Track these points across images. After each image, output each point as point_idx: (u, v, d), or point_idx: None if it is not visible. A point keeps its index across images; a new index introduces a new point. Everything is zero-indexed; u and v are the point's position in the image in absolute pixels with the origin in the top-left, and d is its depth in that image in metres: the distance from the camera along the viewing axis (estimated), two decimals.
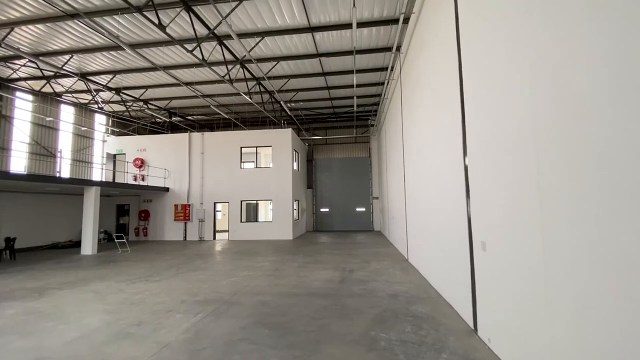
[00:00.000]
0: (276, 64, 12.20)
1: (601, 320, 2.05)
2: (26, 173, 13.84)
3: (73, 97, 15.95)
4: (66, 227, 15.78)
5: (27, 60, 11.80)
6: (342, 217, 20.64)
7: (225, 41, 10.49)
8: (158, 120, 20.20)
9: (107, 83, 14.03)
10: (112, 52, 11.39)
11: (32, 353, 3.93)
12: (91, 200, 12.55)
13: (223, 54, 10.72)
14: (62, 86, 14.50)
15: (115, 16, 8.99)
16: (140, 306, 5.71)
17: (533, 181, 2.79)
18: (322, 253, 11.51)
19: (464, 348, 3.84)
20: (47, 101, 15.49)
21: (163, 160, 17.75)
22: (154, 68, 12.50)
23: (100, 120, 18.71)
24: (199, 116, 20.43)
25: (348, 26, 9.65)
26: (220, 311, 5.34)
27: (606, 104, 1.99)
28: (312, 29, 9.86)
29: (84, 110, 17.48)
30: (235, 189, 16.93)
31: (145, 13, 7.85)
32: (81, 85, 14.32)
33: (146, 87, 14.83)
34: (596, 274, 2.08)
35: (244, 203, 17.18)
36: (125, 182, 16.71)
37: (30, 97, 14.79)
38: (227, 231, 17.03)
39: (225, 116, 18.24)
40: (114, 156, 18.33)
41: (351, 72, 12.95)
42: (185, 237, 17.07)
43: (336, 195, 20.88)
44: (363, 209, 20.53)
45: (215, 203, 17.18)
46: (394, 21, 9.32)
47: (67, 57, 11.62)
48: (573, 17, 2.26)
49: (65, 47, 11.04)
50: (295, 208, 17.34)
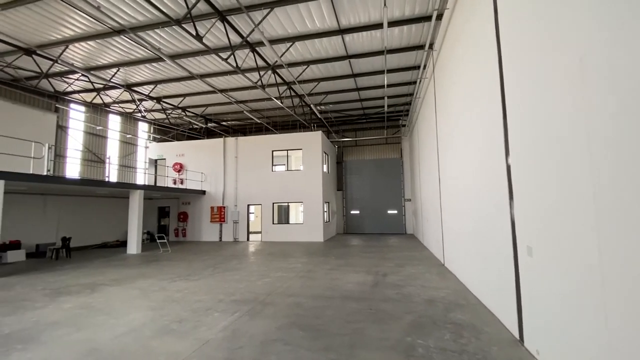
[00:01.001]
0: (306, 68, 12.35)
1: None
2: (80, 178, 15.11)
3: (119, 107, 17.20)
4: (114, 228, 16.98)
5: (80, 74, 12.91)
6: (373, 220, 20.35)
7: (257, 48, 10.79)
8: (195, 126, 21.20)
9: (149, 93, 14.97)
10: (154, 64, 12.14)
11: (87, 345, 4.25)
12: (136, 202, 13.42)
13: (255, 61, 11.04)
14: (110, 97, 15.69)
15: (157, 30, 9.58)
16: (181, 304, 5.99)
17: (587, 182, 2.57)
18: (354, 256, 11.41)
19: (509, 359, 3.61)
20: (97, 111, 16.83)
21: (200, 164, 18.58)
22: (191, 77, 13.14)
23: (143, 127, 20.00)
24: (233, 121, 21.17)
25: (378, 26, 9.54)
26: (255, 311, 5.46)
27: None
28: (342, 31, 9.87)
29: (129, 119, 18.78)
30: (267, 192, 17.31)
31: (183, 25, 8.28)
32: (126, 95, 15.41)
33: (184, 96, 15.63)
34: None
35: (276, 205, 17.50)
36: (165, 186, 17.69)
37: (82, 108, 16.16)
38: (260, 232, 17.43)
39: (257, 121, 18.74)
40: (156, 161, 19.50)
41: (382, 73, 12.79)
42: (220, 238, 17.70)
43: (367, 197, 20.65)
44: (395, 212, 20.11)
45: (248, 205, 17.68)
46: (426, 18, 9.07)
47: (114, 70, 12.55)
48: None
49: (112, 61, 11.94)
50: (325, 210, 17.38)
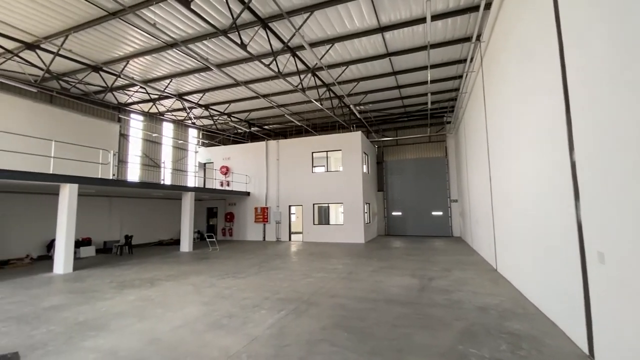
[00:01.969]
0: (345, 69, 12.32)
1: None
2: (139, 181, 16.54)
3: (172, 115, 18.55)
4: (168, 227, 18.33)
5: (139, 86, 14.14)
6: (416, 221, 19.67)
7: (297, 52, 11.00)
8: (239, 131, 22.19)
9: (198, 101, 15.95)
10: (202, 73, 12.91)
11: (148, 335, 4.62)
12: (187, 203, 14.37)
13: (296, 65, 11.26)
14: (164, 106, 17.00)
15: (204, 41, 10.18)
16: (230, 300, 6.27)
17: None
18: (397, 258, 11.12)
19: None
20: (153, 120, 18.33)
21: (244, 167, 19.40)
22: (236, 84, 13.77)
23: (192, 134, 21.38)
24: (274, 125, 21.80)
25: (421, 21, 9.23)
26: (300, 310, 5.54)
27: None
28: (382, 29, 9.70)
29: (180, 126, 20.19)
30: (307, 193, 17.55)
31: (229, 35, 8.69)
32: (178, 104, 16.58)
33: (229, 102, 16.42)
34: None
35: (316, 206, 17.66)
36: (213, 188, 18.72)
37: (140, 118, 17.70)
38: (301, 233, 17.72)
39: (297, 123, 19.10)
40: (204, 165, 20.75)
41: (424, 69, 12.35)
42: (264, 238, 18.29)
43: (409, 198, 20.02)
44: (440, 213, 19.25)
45: (290, 206, 18.06)
46: (473, 9, 8.58)
47: (168, 81, 13.56)
48: None
49: (166, 73, 12.91)
50: (366, 211, 17.17)
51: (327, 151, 17.61)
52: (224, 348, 4.08)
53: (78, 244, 12.78)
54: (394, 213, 20.33)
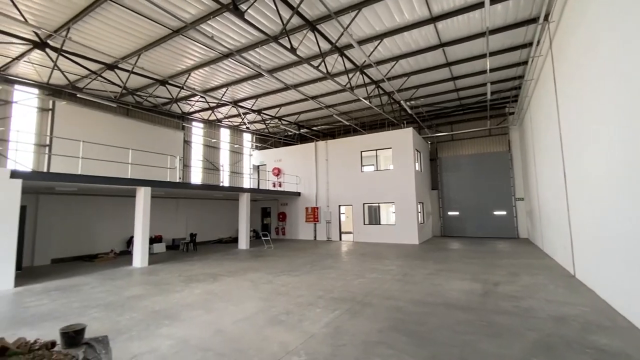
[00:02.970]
0: (395, 64, 11.96)
1: None
2: (201, 183, 17.91)
3: (228, 121, 19.78)
4: (227, 226, 19.57)
5: (199, 96, 15.31)
6: (476, 222, 18.34)
7: (345, 51, 10.98)
8: (289, 133, 22.87)
9: (252, 106, 16.78)
10: (255, 80, 13.55)
11: (214, 326, 4.95)
12: (244, 204, 15.19)
13: (344, 64, 11.24)
14: (221, 113, 18.19)
15: (256, 49, 10.67)
16: (286, 297, 6.47)
17: None
18: (455, 261, 10.48)
19: None
20: (212, 127, 19.72)
21: (295, 168, 19.92)
22: (286, 88, 14.19)
23: (247, 138, 22.57)
24: (323, 126, 22.04)
25: (477, 6, 8.59)
26: (354, 311, 5.50)
27: None
28: (434, 19, 9.22)
29: (236, 131, 21.45)
30: (357, 192, 17.40)
31: (279, 40, 8.99)
32: (233, 111, 17.61)
33: (280, 106, 17.00)
34: None
35: (366, 206, 17.43)
36: (266, 189, 19.54)
37: (201, 125, 19.16)
38: (351, 233, 17.63)
39: (346, 123, 19.07)
40: (258, 167, 21.78)
41: (482, 57, 11.47)
42: (315, 237, 18.58)
43: (467, 196, 18.75)
44: (503, 213, 17.71)
45: (339, 206, 18.09)
46: None
47: (224, 90, 14.48)
48: None
49: (222, 82, 13.79)
50: (419, 211, 16.48)
51: (377, 149, 17.27)
52: (283, 343, 4.21)
53: (152, 241, 14.24)
54: (450, 213, 19.21)
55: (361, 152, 17.60)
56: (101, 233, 13.44)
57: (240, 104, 16.47)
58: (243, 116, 18.12)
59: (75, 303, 6.39)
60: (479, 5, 8.50)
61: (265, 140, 23.69)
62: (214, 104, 16.43)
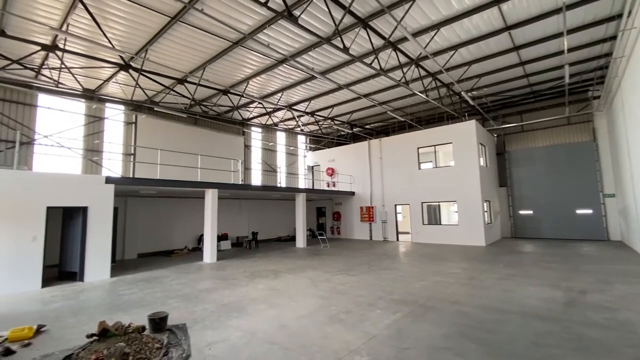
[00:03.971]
0: (454, 53, 11.23)
1: None
2: (261, 185, 18.88)
3: (284, 125, 20.53)
4: (285, 225, 20.33)
5: (257, 102, 16.15)
6: (554, 221, 16.34)
7: (399, 45, 10.64)
8: (342, 133, 22.92)
9: (305, 109, 17.18)
10: (308, 83, 13.85)
11: (278, 320, 5.17)
12: (300, 203, 15.63)
13: (398, 59, 10.90)
14: (277, 117, 18.96)
15: (309, 52, 10.89)
16: (345, 296, 6.49)
17: None
18: (530, 265, 9.47)
19: None
20: (269, 131, 20.67)
21: (348, 167, 19.89)
22: (338, 88, 14.25)
23: (301, 140, 23.20)
24: (376, 123, 21.66)
25: None
26: (417, 314, 5.29)
27: None
28: (497, 1, 8.45)
29: (291, 134, 22.18)
30: (414, 191, 16.73)
31: (332, 41, 9.05)
32: (288, 114, 18.23)
33: (332, 106, 17.12)
34: None
35: (425, 205, 16.65)
36: (321, 189, 19.85)
37: (259, 129, 20.20)
38: (409, 233, 17.01)
39: (400, 119, 18.46)
40: (312, 168, 22.23)
41: (558, 36, 10.19)
42: (370, 237, 18.32)
43: (542, 193, 16.80)
44: (589, 211, 15.50)
45: (395, 205, 17.57)
46: None
47: (279, 95, 15.06)
48: None
49: (277, 88, 14.36)
50: (486, 210, 15.23)
51: (435, 145, 16.39)
52: (345, 342, 4.23)
53: (219, 239, 15.41)
54: (522, 212, 17.41)
55: (418, 149, 16.88)
56: (176, 231, 14.95)
57: (294, 107, 16.98)
58: (297, 119, 18.65)
59: (158, 293, 7.20)
60: None
61: (318, 141, 24.08)
62: (271, 109, 17.18)
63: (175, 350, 4.12)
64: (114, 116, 14.16)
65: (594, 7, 8.90)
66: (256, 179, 19.74)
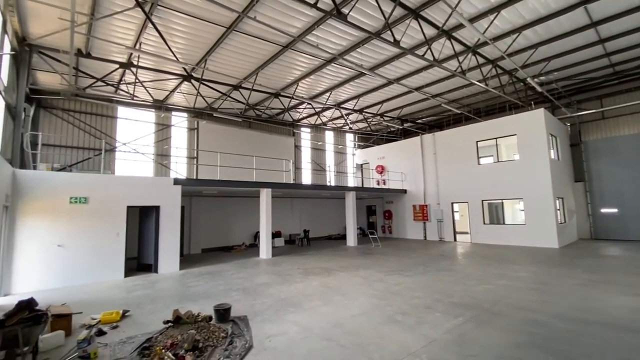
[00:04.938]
0: (517, 36, 10.24)
1: None
2: (311, 184, 19.22)
3: (332, 124, 20.64)
4: (335, 223, 20.45)
5: (306, 103, 16.46)
6: None
7: (453, 33, 10.02)
8: (392, 129, 22.31)
9: (354, 106, 17.06)
10: (356, 80, 13.73)
11: (333, 318, 5.22)
12: (350, 202, 15.59)
13: (453, 47, 10.27)
14: (326, 117, 19.12)
15: (358, 49, 10.79)
16: (400, 297, 6.32)
17: None
18: (616, 270, 8.28)
19: None
20: (318, 130, 20.94)
21: (399, 164, 19.29)
22: (388, 83, 13.90)
23: (349, 138, 23.11)
24: (428, 117, 20.69)
25: None
26: (481, 319, 4.95)
27: None
28: None
29: (339, 132, 22.21)
30: (473, 188, 15.63)
31: (382, 36, 8.85)
32: (337, 113, 18.27)
33: (382, 102, 16.75)
34: None
35: (486, 203, 15.47)
36: (371, 187, 19.55)
37: (308, 130, 20.56)
38: (468, 233, 15.95)
39: (456, 111, 17.39)
40: (361, 166, 22.00)
41: None
42: (425, 237, 17.57)
43: (630, 188, 14.56)
44: None
45: (452, 203, 16.60)
46: None
47: (327, 95, 15.17)
48: None
49: (325, 87, 14.47)
50: (558, 208, 13.66)
51: (497, 138, 15.12)
52: (403, 344, 4.12)
53: (273, 236, 16.05)
54: (604, 210, 15.29)
55: (477, 142, 15.73)
56: (235, 228, 15.91)
57: (342, 106, 16.96)
58: (346, 117, 18.60)
59: (220, 286, 7.73)
60: None
61: (367, 138, 23.74)
62: (319, 109, 17.38)
63: (238, 340, 4.39)
64: (179, 123, 15.52)
65: None
66: (306, 178, 20.14)
